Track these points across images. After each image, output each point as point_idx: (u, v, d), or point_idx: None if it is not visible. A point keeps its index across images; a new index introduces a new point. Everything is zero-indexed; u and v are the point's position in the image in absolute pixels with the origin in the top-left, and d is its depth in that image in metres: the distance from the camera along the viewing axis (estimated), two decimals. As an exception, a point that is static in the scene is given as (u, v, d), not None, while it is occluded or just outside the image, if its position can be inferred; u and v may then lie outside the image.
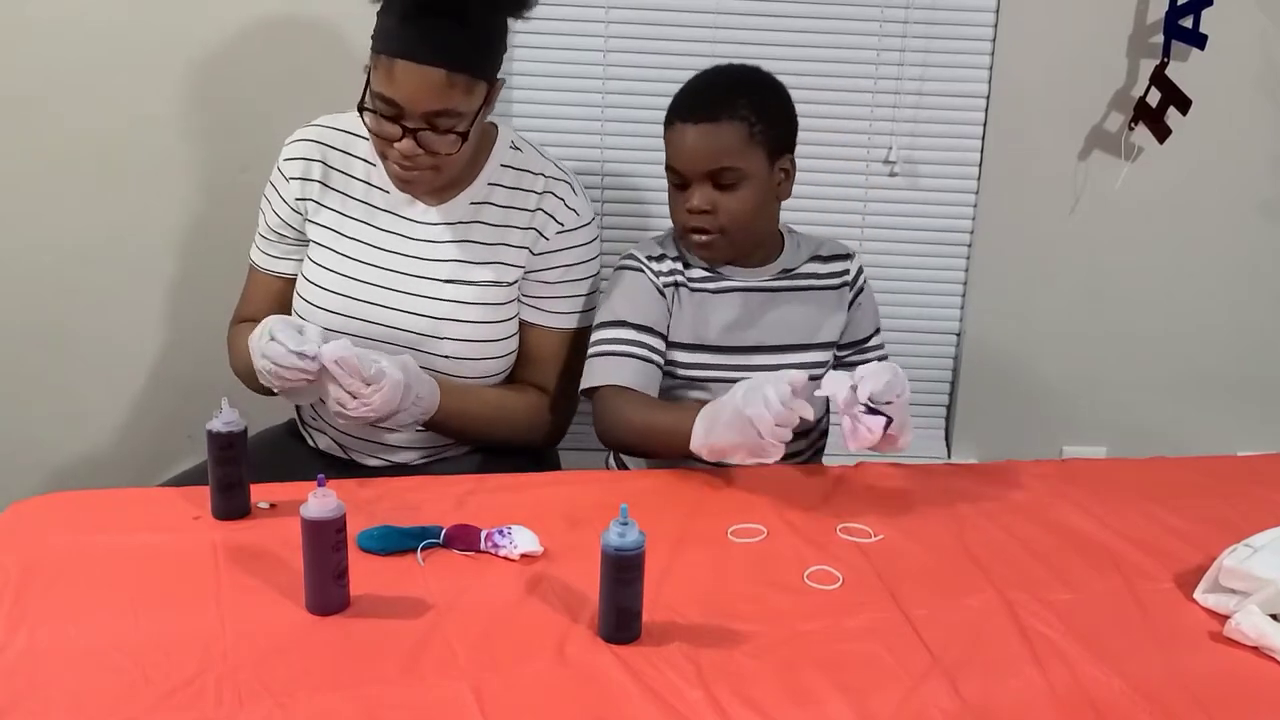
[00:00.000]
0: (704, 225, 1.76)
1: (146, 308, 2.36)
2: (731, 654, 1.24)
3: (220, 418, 1.45)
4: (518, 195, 1.78)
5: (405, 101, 1.59)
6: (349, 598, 1.29)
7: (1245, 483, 1.73)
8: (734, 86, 1.77)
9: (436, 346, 1.75)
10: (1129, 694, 1.21)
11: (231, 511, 1.46)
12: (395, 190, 1.75)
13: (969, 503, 1.62)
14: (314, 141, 1.79)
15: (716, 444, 1.55)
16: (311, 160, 1.78)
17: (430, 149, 1.63)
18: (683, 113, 1.75)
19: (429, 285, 1.75)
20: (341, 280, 1.77)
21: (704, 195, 1.74)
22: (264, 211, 1.85)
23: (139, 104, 2.23)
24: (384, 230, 1.78)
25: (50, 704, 1.12)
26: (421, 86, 1.58)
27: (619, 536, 1.22)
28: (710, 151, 1.73)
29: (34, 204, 2.28)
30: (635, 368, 1.75)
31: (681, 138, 1.74)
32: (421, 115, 1.61)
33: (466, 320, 1.76)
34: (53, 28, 2.19)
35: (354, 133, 1.79)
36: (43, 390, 2.38)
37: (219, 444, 1.44)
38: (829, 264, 1.89)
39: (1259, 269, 2.50)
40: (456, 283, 1.76)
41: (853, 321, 1.90)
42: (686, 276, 1.82)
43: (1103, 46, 2.35)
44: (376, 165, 1.77)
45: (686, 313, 1.81)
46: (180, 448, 2.42)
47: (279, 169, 1.81)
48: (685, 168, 1.75)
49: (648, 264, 1.82)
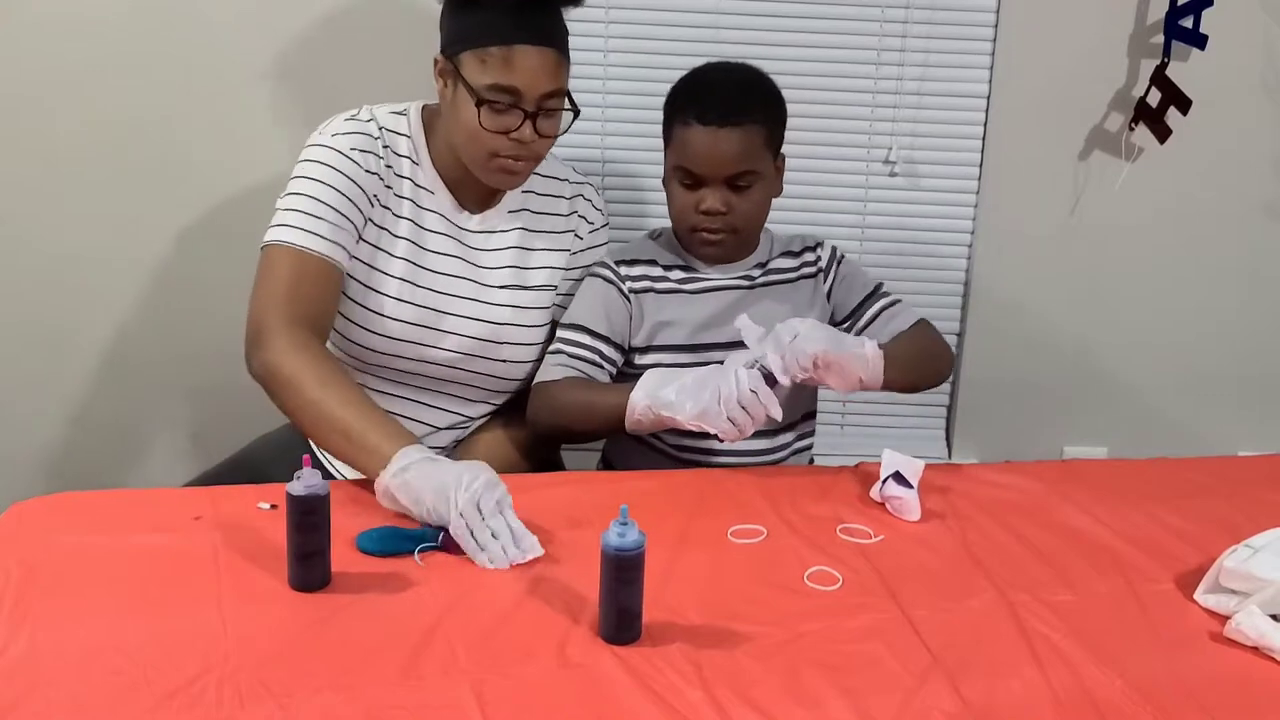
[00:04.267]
0: (717, 225, 1.77)
1: (146, 308, 2.35)
2: (732, 655, 1.24)
3: (301, 480, 1.30)
4: (548, 201, 1.84)
5: (526, 86, 1.63)
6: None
7: (1246, 483, 1.73)
8: (750, 89, 1.78)
9: (495, 352, 1.78)
10: (1130, 694, 1.21)
11: (311, 583, 1.31)
12: (440, 192, 1.75)
13: (970, 503, 1.62)
14: (371, 136, 1.70)
15: (662, 397, 1.59)
16: (379, 156, 1.71)
17: (544, 133, 1.68)
18: (704, 115, 1.73)
19: (486, 292, 1.77)
20: (413, 290, 1.73)
21: (720, 196, 1.75)
22: (321, 195, 1.65)
23: (139, 104, 2.23)
24: (439, 234, 1.76)
25: (51, 705, 1.11)
26: (541, 68, 1.63)
27: (619, 537, 1.23)
28: (734, 156, 1.73)
29: (34, 204, 2.28)
30: (580, 369, 1.77)
31: (702, 140, 1.73)
32: (538, 99, 1.64)
33: (526, 325, 1.80)
34: (53, 27, 2.19)
35: (395, 130, 1.74)
36: (43, 391, 2.38)
37: (300, 509, 1.30)
38: (799, 256, 1.91)
39: (1259, 269, 2.50)
40: (513, 288, 1.79)
41: (840, 298, 1.91)
42: (662, 278, 1.83)
43: (1103, 46, 2.34)
44: (420, 165, 1.75)
45: (653, 316, 1.82)
46: (181, 448, 2.42)
47: (347, 155, 1.67)
48: (706, 170, 1.75)
49: (615, 270, 1.83)
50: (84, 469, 2.42)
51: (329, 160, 1.67)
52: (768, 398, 1.57)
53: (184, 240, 2.32)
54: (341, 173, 1.67)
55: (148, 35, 2.21)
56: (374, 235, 1.71)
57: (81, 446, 2.42)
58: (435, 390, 1.81)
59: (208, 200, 2.31)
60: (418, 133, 1.75)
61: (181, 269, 2.34)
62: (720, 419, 1.57)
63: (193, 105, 2.25)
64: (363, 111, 1.73)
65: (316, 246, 1.63)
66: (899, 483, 1.56)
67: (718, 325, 1.81)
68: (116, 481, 2.40)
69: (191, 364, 2.37)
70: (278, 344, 1.56)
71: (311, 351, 1.57)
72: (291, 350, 1.56)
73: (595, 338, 1.79)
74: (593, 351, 1.78)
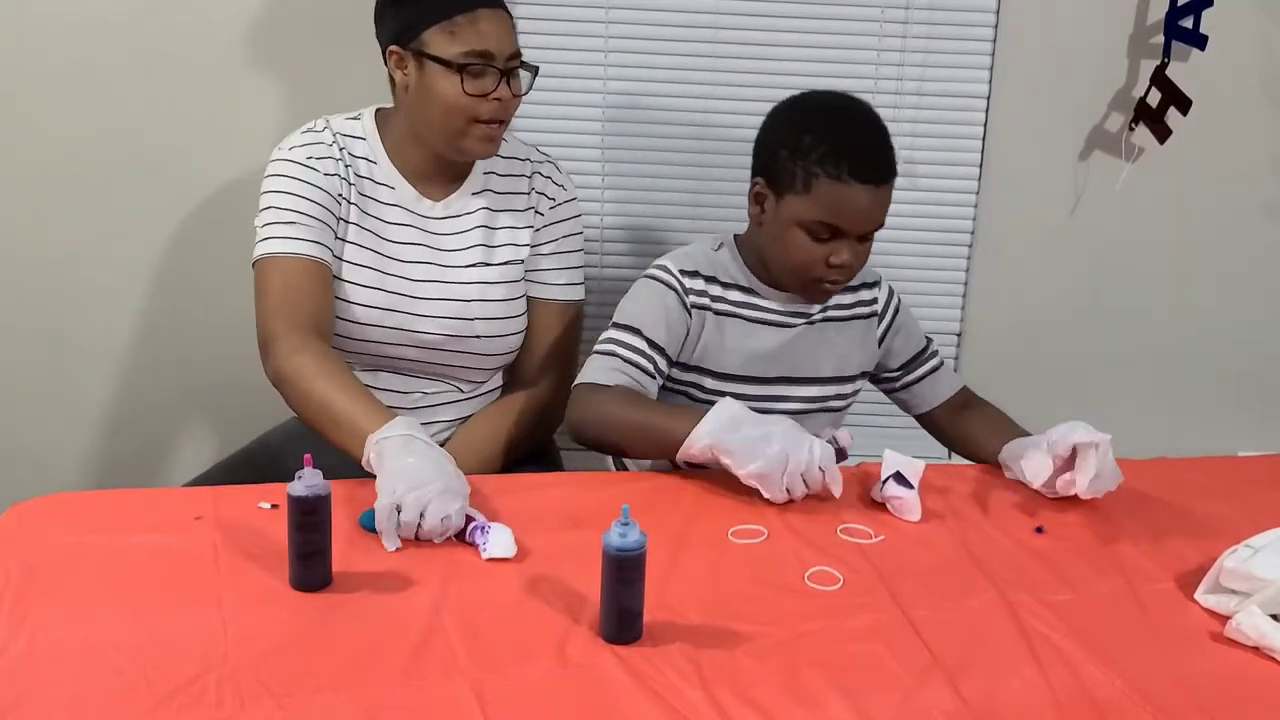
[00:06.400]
0: (843, 277, 1.72)
1: (146, 308, 2.35)
2: (732, 655, 1.24)
3: (302, 480, 1.31)
4: (510, 180, 1.89)
5: (497, 47, 1.71)
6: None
7: (1246, 483, 1.74)
8: (888, 136, 1.72)
9: (469, 328, 1.83)
10: (1130, 694, 1.21)
11: (312, 582, 1.32)
12: (400, 186, 1.82)
13: (970, 503, 1.62)
14: (326, 144, 1.79)
15: (725, 443, 1.54)
16: (337, 159, 1.79)
17: (516, 93, 1.76)
18: (862, 173, 1.65)
19: (454, 272, 1.83)
20: (380, 277, 1.80)
21: (853, 249, 1.69)
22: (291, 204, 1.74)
23: (138, 104, 2.23)
24: (401, 225, 1.82)
25: (51, 705, 1.11)
26: (504, 28, 1.73)
27: (620, 537, 1.23)
28: (883, 211, 1.70)
29: (34, 204, 2.28)
30: (635, 377, 1.71)
31: (860, 199, 1.65)
32: (506, 59, 1.72)
33: (494, 299, 1.85)
34: (53, 27, 2.19)
35: (350, 134, 1.82)
36: (43, 391, 2.38)
37: (301, 509, 1.30)
38: (856, 293, 1.86)
39: (1259, 269, 2.50)
40: (479, 265, 1.84)
41: (894, 346, 1.89)
42: (720, 298, 1.78)
43: (1103, 46, 2.35)
44: (378, 164, 1.81)
45: (713, 337, 1.77)
46: (181, 448, 2.42)
47: (305, 164, 1.76)
48: (854, 227, 1.67)
49: (679, 279, 1.76)
50: (84, 470, 2.42)
51: (291, 171, 1.77)
52: (833, 477, 1.54)
53: (183, 240, 2.32)
54: (305, 181, 1.76)
55: (147, 35, 2.21)
56: (342, 231, 1.79)
57: (82, 446, 2.42)
58: (422, 375, 1.86)
59: (208, 200, 2.30)
60: (372, 133, 1.83)
61: (181, 269, 2.34)
62: (778, 488, 1.52)
63: (192, 105, 2.25)
64: (318, 123, 1.82)
65: (298, 249, 1.73)
66: (899, 483, 1.56)
67: (772, 360, 1.78)
68: (117, 481, 2.40)
69: (192, 364, 2.37)
70: (280, 350, 1.66)
71: (309, 351, 1.66)
72: (291, 353, 1.66)
73: (652, 347, 1.73)
74: (648, 360, 1.72)
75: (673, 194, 2.41)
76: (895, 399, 1.97)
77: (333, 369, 1.64)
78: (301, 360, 1.64)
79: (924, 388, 1.91)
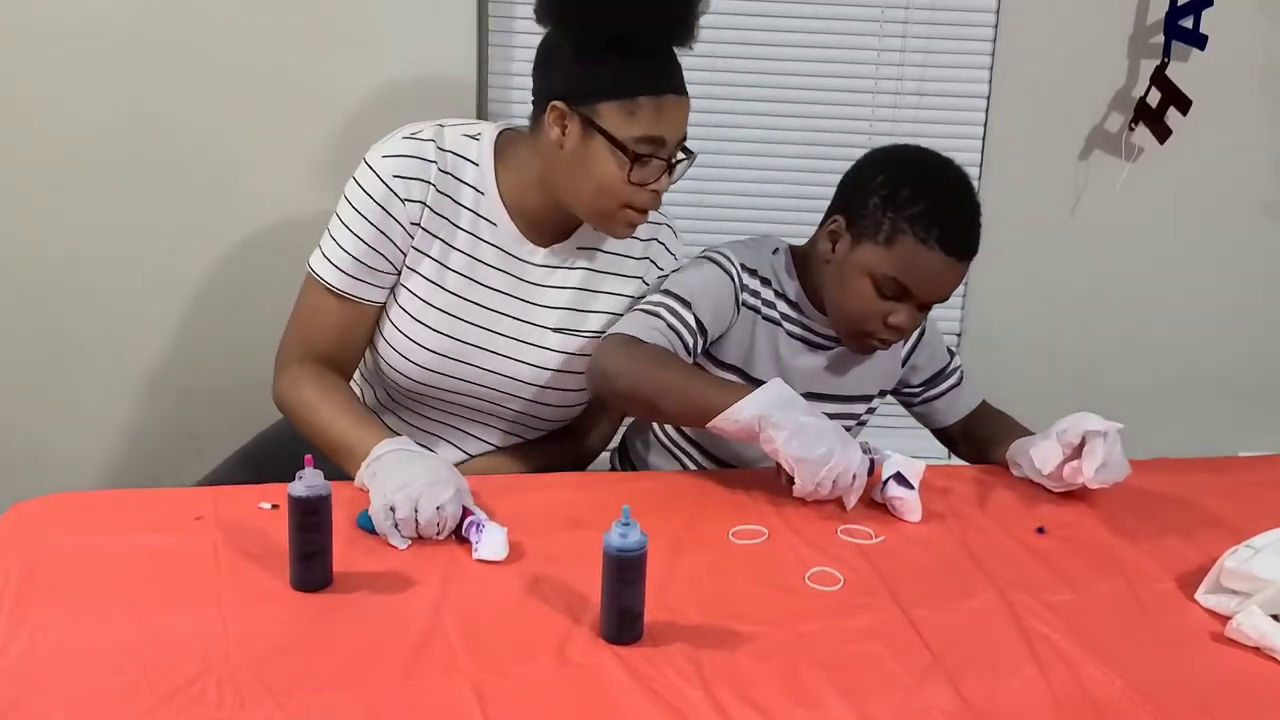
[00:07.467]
0: (894, 339, 1.70)
1: (147, 308, 2.36)
2: (733, 655, 1.24)
3: (303, 481, 1.30)
4: (624, 242, 1.74)
5: (671, 137, 1.59)
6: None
7: (1246, 483, 1.74)
8: (980, 215, 1.68)
9: (539, 395, 1.72)
10: (1130, 695, 1.21)
11: (312, 583, 1.31)
12: (503, 224, 1.66)
13: (970, 503, 1.62)
14: (424, 160, 1.62)
15: (774, 419, 1.49)
16: (426, 182, 1.62)
17: (675, 182, 1.65)
18: (950, 245, 1.61)
19: (538, 333, 1.70)
20: (451, 322, 1.66)
21: (913, 315, 1.67)
22: (353, 225, 1.62)
23: (139, 104, 2.24)
24: (494, 268, 1.67)
25: (51, 705, 1.11)
26: (683, 117, 1.61)
27: (621, 537, 1.22)
28: (954, 288, 1.67)
29: (34, 204, 2.28)
30: (673, 344, 1.64)
31: (940, 269, 1.62)
32: (675, 147, 1.61)
33: (575, 371, 1.71)
34: (53, 27, 2.19)
35: (462, 154, 1.65)
36: (44, 391, 2.38)
37: (302, 509, 1.29)
38: None
39: (1259, 269, 2.51)
40: (566, 332, 1.71)
41: (920, 362, 1.87)
42: (770, 304, 1.74)
43: (1103, 46, 2.35)
44: (485, 194, 1.66)
45: (753, 340, 1.74)
46: (181, 448, 2.42)
47: (386, 183, 1.60)
48: (923, 293, 1.64)
49: (740, 274, 1.72)
50: (85, 470, 2.42)
51: (371, 189, 1.61)
52: (857, 489, 1.53)
53: (183, 240, 2.32)
54: (381, 206, 1.61)
55: (148, 36, 2.21)
56: (414, 261, 1.65)
57: (82, 446, 2.42)
58: (470, 420, 1.76)
59: (208, 201, 2.31)
60: (487, 160, 1.66)
61: (181, 269, 2.34)
62: (813, 478, 1.49)
63: (192, 106, 2.25)
64: (426, 130, 1.65)
65: (340, 285, 1.63)
66: (900, 484, 1.56)
67: (802, 378, 1.74)
68: (117, 481, 2.40)
69: (192, 364, 2.38)
70: (282, 381, 1.66)
71: (307, 380, 1.63)
72: (290, 387, 1.65)
73: (698, 324, 1.67)
74: (691, 335, 1.66)
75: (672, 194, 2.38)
76: (914, 413, 1.96)
77: (331, 397, 1.60)
78: (298, 394, 1.63)
79: (943, 404, 1.90)
